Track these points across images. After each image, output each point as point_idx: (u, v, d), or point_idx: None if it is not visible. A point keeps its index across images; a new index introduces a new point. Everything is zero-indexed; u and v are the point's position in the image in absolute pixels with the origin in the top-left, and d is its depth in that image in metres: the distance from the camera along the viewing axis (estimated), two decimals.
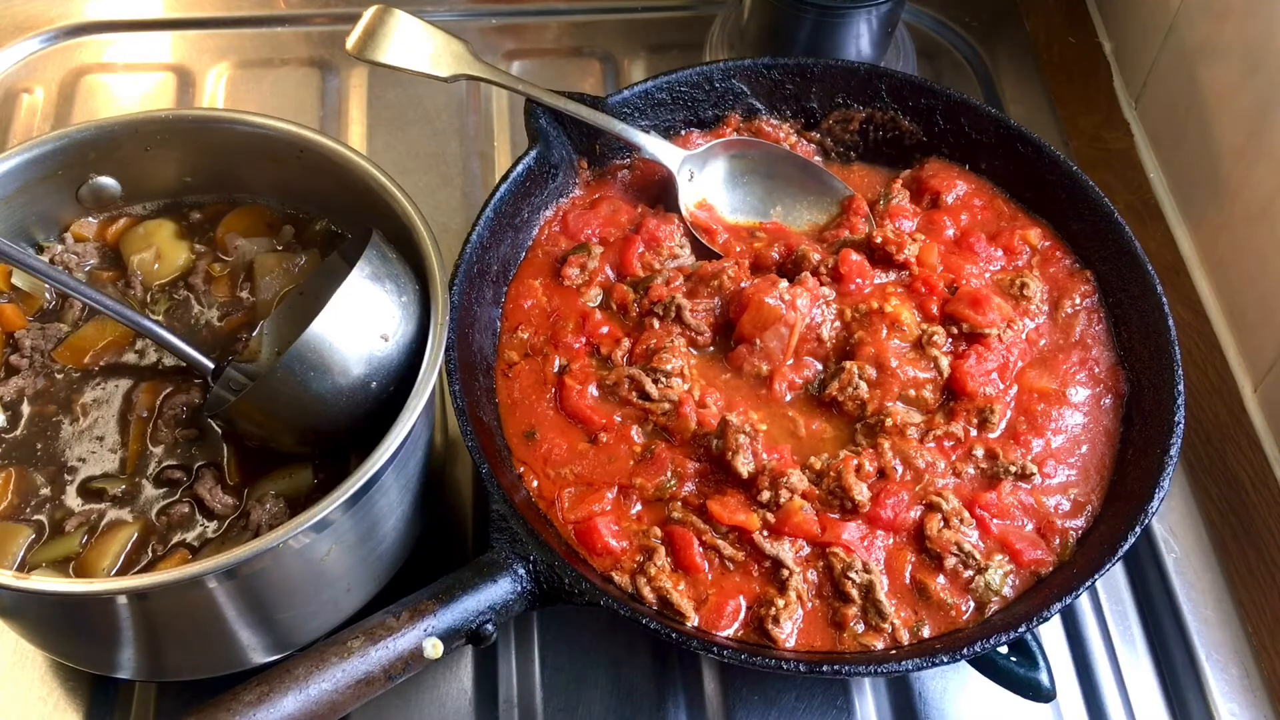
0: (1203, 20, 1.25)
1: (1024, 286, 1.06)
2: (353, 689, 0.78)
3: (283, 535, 0.75)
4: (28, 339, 0.93)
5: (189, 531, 0.86)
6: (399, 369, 0.85)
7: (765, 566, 0.91)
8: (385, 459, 0.79)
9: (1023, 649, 0.85)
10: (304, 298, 0.94)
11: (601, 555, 0.92)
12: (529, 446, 0.98)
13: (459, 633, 0.82)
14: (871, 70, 1.17)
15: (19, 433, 0.90)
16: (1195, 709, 0.98)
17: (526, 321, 1.06)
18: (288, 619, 0.86)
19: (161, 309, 0.97)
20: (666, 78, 1.15)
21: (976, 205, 1.14)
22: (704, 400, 0.99)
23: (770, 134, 1.18)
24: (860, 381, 0.99)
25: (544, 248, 1.11)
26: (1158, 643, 1.02)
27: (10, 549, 0.83)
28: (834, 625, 0.90)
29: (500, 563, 0.85)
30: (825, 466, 0.95)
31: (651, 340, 1.03)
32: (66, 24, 1.41)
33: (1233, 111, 1.20)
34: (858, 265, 1.05)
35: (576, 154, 1.14)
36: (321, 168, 0.96)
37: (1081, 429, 1.00)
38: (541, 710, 0.95)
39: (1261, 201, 1.14)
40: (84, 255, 0.99)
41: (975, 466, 0.98)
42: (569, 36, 1.46)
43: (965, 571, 0.92)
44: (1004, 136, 1.14)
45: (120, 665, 0.88)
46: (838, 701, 0.96)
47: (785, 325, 1.01)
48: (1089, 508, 0.96)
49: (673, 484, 0.95)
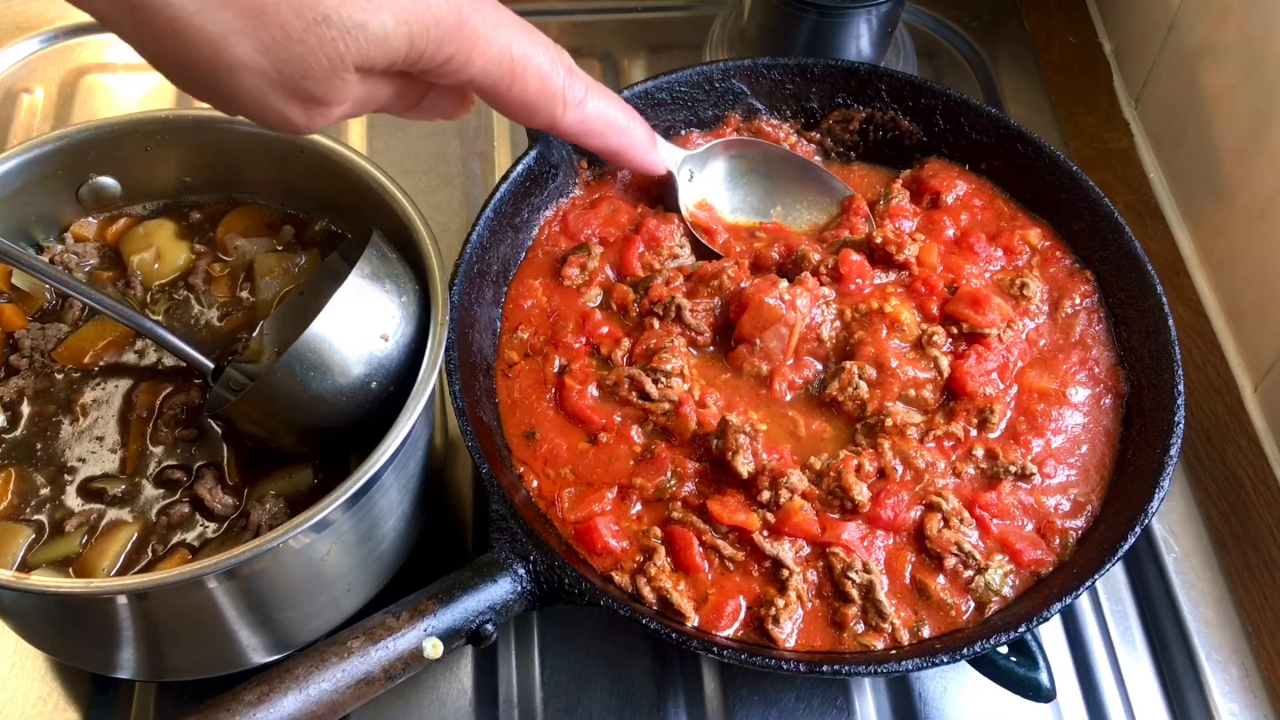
0: (1203, 20, 1.25)
1: (1024, 286, 1.06)
2: (353, 689, 0.78)
3: (283, 535, 0.75)
4: (28, 339, 0.93)
5: (189, 531, 0.86)
6: (399, 369, 0.85)
7: (765, 566, 0.91)
8: (385, 459, 0.79)
9: (1023, 649, 0.85)
10: (304, 298, 0.94)
11: (601, 555, 0.92)
12: (529, 446, 0.98)
13: (459, 633, 0.82)
14: (871, 70, 1.17)
15: (19, 433, 0.90)
16: (1195, 709, 0.98)
17: (526, 321, 1.06)
18: (288, 619, 0.86)
19: (161, 309, 0.97)
20: (666, 78, 1.15)
21: (976, 205, 1.14)
22: (704, 400, 0.99)
23: (770, 134, 1.18)
24: (860, 381, 0.99)
25: (544, 248, 1.11)
26: (1158, 643, 1.02)
27: (10, 549, 0.83)
28: (834, 625, 0.90)
29: (500, 563, 0.85)
30: (825, 466, 0.95)
31: (651, 340, 1.03)
32: (66, 24, 1.41)
33: (1233, 111, 1.20)
34: (858, 265, 1.05)
35: (576, 154, 1.14)
36: (321, 168, 0.96)
37: (1081, 429, 1.00)
38: (541, 710, 0.95)
39: (1261, 201, 1.14)
40: (84, 255, 0.99)
41: (975, 466, 0.98)
42: (569, 36, 1.46)
43: (965, 571, 0.92)
44: (1004, 136, 1.14)
45: (120, 665, 0.88)
46: (838, 701, 0.96)
47: (785, 325, 1.01)
48: (1089, 508, 0.96)
49: (673, 484, 0.95)
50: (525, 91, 0.73)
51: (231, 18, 0.60)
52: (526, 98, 0.74)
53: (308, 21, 0.61)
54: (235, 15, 0.59)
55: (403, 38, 0.64)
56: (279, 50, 0.61)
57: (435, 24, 0.65)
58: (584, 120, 0.79)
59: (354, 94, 0.66)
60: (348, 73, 0.64)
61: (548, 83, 0.75)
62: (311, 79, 0.63)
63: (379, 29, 0.63)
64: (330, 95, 0.65)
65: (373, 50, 0.64)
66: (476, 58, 0.69)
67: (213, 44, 0.60)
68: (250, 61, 0.61)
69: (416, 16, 0.65)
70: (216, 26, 0.60)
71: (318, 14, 0.61)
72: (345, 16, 0.62)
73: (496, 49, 0.70)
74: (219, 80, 0.62)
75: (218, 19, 0.60)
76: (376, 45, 0.63)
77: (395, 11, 0.63)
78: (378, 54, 0.64)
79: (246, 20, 0.60)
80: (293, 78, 0.63)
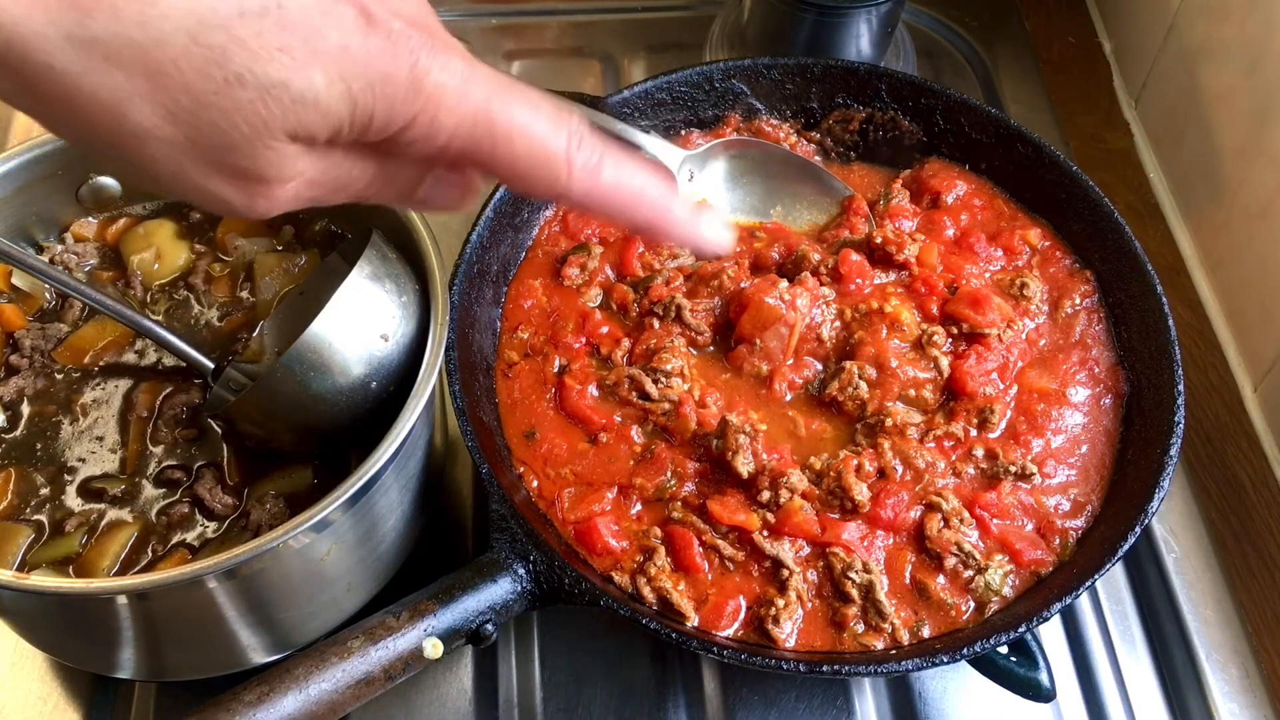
0: (1203, 20, 1.25)
1: (1024, 286, 1.06)
2: (353, 689, 0.78)
3: (283, 535, 0.75)
4: (28, 339, 0.93)
5: (189, 531, 0.86)
6: (399, 369, 0.85)
7: (765, 566, 0.91)
8: (385, 459, 0.79)
9: (1023, 649, 0.85)
10: (304, 298, 0.94)
11: (601, 555, 0.92)
12: (529, 446, 0.98)
13: (459, 633, 0.82)
14: (871, 70, 1.17)
15: (19, 433, 0.90)
16: (1195, 709, 0.98)
17: (526, 321, 1.06)
18: (288, 619, 0.86)
19: (161, 309, 0.97)
20: (666, 78, 1.15)
21: (976, 205, 1.14)
22: (704, 400, 0.99)
23: (770, 134, 1.18)
24: (860, 381, 0.99)
25: (544, 248, 1.11)
26: (1158, 643, 1.02)
27: (10, 549, 0.83)
28: (834, 625, 0.90)
29: (500, 563, 0.85)
30: (825, 466, 0.95)
31: (651, 340, 1.03)
32: None
33: (1233, 111, 1.20)
34: (858, 265, 1.05)
35: None
36: None
37: (1081, 429, 1.00)
38: (541, 710, 0.95)
39: (1261, 201, 1.14)
40: (84, 255, 0.99)
41: (975, 466, 0.98)
42: (569, 36, 1.46)
43: (965, 571, 0.92)
44: (1004, 136, 1.14)
45: (120, 665, 0.88)
46: (838, 701, 0.96)
47: (785, 325, 1.01)
48: (1089, 508, 0.96)
49: (673, 484, 0.95)
50: (513, 155, 0.60)
51: (124, 79, 0.51)
52: (516, 162, 0.61)
53: (217, 82, 0.52)
54: (128, 76, 0.51)
55: (340, 98, 0.54)
56: (186, 116, 0.52)
57: (383, 81, 0.55)
58: (598, 189, 0.64)
59: (299, 168, 0.57)
60: (277, 142, 0.55)
61: (543, 143, 0.61)
62: (234, 150, 0.54)
63: (306, 89, 0.53)
64: (264, 170, 0.56)
65: (304, 114, 0.54)
66: (444, 118, 0.57)
67: (109, 110, 0.52)
68: (155, 129, 0.53)
69: (355, 72, 0.54)
70: (109, 90, 0.51)
71: (228, 73, 0.52)
72: (263, 75, 0.52)
73: (469, 106, 0.58)
74: (128, 152, 0.54)
75: (108, 81, 0.51)
76: (307, 108, 0.54)
77: (327, 68, 0.53)
78: (312, 119, 0.54)
79: (141, 82, 0.51)
80: (211, 148, 0.54)
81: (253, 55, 0.52)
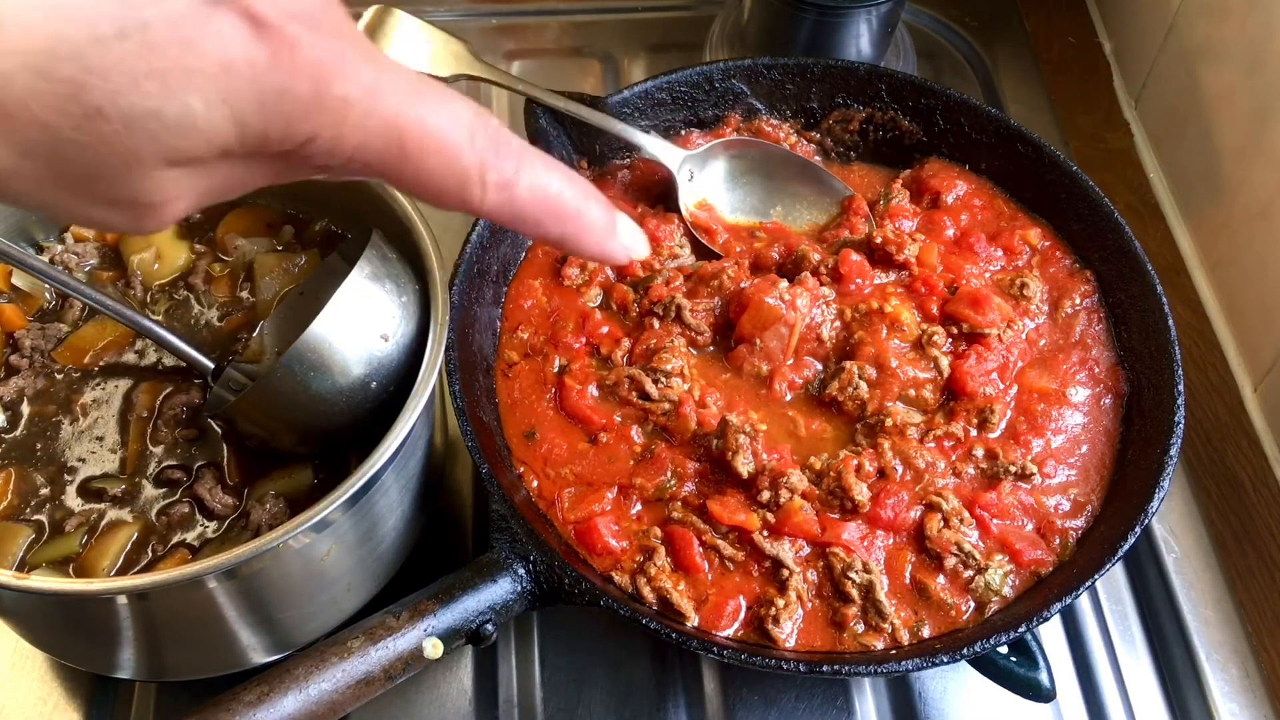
0: (1203, 20, 1.25)
1: (1024, 286, 1.06)
2: (353, 689, 0.78)
3: (283, 535, 0.75)
4: (28, 339, 0.93)
5: (189, 531, 0.86)
6: (399, 369, 0.85)
7: (765, 566, 0.91)
8: (385, 459, 0.79)
9: (1023, 649, 0.85)
10: (304, 298, 0.94)
11: (601, 555, 0.92)
12: (529, 446, 0.98)
13: (459, 633, 0.82)
14: (871, 70, 1.17)
15: (19, 433, 0.90)
16: (1195, 709, 0.98)
17: (526, 321, 1.06)
18: (288, 619, 0.86)
19: (161, 309, 0.97)
20: (666, 78, 1.15)
21: (976, 205, 1.14)
22: (704, 400, 0.99)
23: (770, 134, 1.18)
24: (860, 381, 0.99)
25: (544, 248, 1.11)
26: (1158, 643, 1.02)
27: (10, 549, 0.83)
28: (834, 625, 0.90)
29: (500, 563, 0.85)
30: (825, 466, 0.95)
31: (651, 340, 1.03)
32: None
33: (1233, 111, 1.20)
34: (858, 265, 1.05)
35: (577, 154, 1.14)
36: None
37: (1081, 429, 1.00)
38: (541, 710, 0.95)
39: (1261, 201, 1.14)
40: (84, 255, 0.99)
41: (975, 466, 0.98)
42: (569, 36, 1.46)
43: (965, 571, 0.92)
44: (1004, 136, 1.14)
45: (120, 665, 0.88)
46: (838, 701, 0.96)
47: (785, 325, 1.01)
48: (1089, 508, 0.96)
49: (673, 484, 0.95)
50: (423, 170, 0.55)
51: None
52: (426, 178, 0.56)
53: (75, 117, 0.47)
54: None
55: (224, 121, 0.49)
56: (44, 152, 0.48)
57: (278, 97, 0.49)
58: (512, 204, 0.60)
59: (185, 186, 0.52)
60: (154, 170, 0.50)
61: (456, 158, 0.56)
62: (106, 181, 0.50)
63: (182, 115, 0.48)
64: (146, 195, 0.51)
65: (182, 141, 0.49)
66: (349, 133, 0.52)
67: None
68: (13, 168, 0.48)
69: (243, 92, 0.49)
70: None
71: (87, 108, 0.47)
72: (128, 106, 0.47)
73: (378, 120, 0.53)
74: None
75: None
76: (185, 135, 0.49)
77: (205, 90, 0.48)
78: (192, 144, 0.50)
79: None
80: (78, 181, 0.50)
81: (113, 86, 0.47)
